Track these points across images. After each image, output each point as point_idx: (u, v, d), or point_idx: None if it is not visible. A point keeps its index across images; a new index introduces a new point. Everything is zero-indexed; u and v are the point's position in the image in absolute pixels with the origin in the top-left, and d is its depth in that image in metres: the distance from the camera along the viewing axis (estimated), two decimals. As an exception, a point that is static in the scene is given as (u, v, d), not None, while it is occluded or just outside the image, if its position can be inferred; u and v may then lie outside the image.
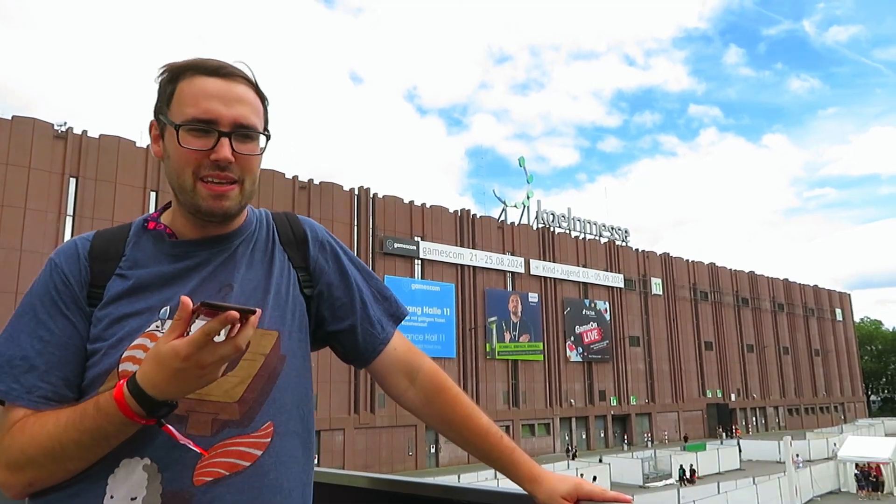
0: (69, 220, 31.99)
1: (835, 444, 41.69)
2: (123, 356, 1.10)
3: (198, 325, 0.97)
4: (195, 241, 1.22)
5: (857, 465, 31.41)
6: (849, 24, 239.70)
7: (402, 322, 1.41)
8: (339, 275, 1.32)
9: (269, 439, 1.14)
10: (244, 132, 1.16)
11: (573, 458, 43.92)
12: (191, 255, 1.21)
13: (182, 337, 0.97)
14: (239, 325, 0.97)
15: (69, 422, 1.03)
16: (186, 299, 0.97)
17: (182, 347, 0.95)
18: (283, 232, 1.32)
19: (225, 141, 1.14)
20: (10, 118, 31.04)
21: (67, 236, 31.70)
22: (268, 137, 1.24)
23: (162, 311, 1.14)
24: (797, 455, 36.59)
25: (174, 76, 1.18)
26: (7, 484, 1.07)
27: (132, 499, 1.05)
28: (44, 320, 1.13)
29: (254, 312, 0.98)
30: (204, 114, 1.14)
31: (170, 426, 1.04)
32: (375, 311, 1.34)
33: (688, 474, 33.68)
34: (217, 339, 0.97)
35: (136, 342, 1.11)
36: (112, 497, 1.05)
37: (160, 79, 1.19)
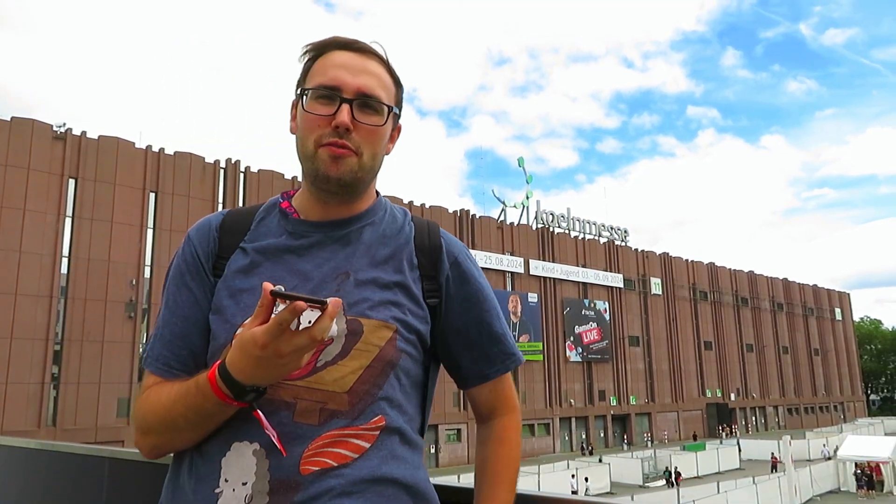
0: (68, 222, 31.96)
1: (824, 445, 41.74)
2: (237, 333, 1.10)
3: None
4: (315, 221, 1.23)
5: (856, 464, 31.43)
6: (845, 27, 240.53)
7: None
8: (463, 299, 1.28)
9: (377, 433, 1.12)
10: (366, 101, 1.17)
11: (590, 454, 44.10)
12: (308, 235, 1.22)
13: (264, 324, 0.96)
14: (320, 314, 0.96)
15: (177, 396, 1.08)
16: (267, 286, 0.96)
17: (259, 336, 0.95)
18: (420, 236, 1.29)
19: (345, 107, 1.15)
20: (9, 119, 31.01)
21: (67, 237, 31.70)
22: (397, 116, 1.26)
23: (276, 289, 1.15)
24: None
25: (313, 55, 1.23)
26: (139, 444, 1.17)
27: (243, 483, 1.06)
28: (173, 292, 1.21)
29: (325, 304, 0.94)
30: (330, 80, 1.17)
31: (260, 412, 1.05)
32: (493, 346, 1.31)
33: (673, 476, 33.61)
34: (304, 322, 0.95)
35: (249, 320, 1.09)
36: (227, 480, 1.07)
37: (302, 58, 1.23)
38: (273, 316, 0.95)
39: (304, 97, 1.18)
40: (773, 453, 39.31)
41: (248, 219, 1.26)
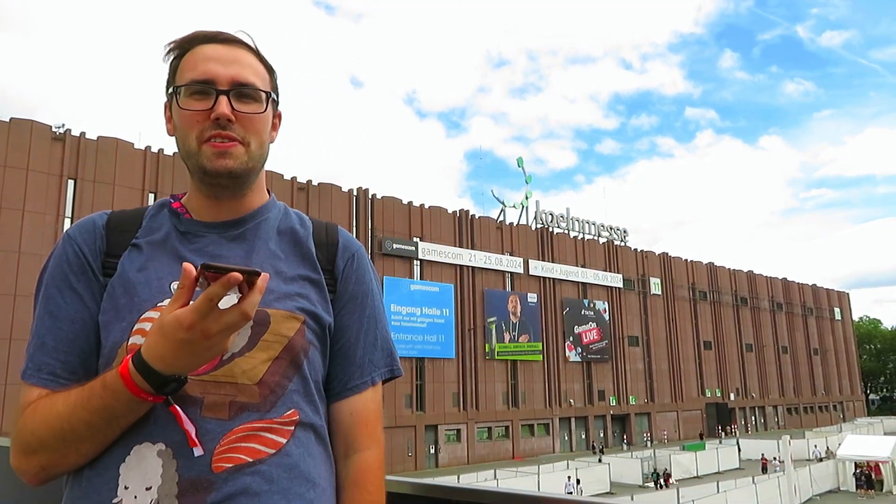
0: (67, 222, 31.91)
1: (815, 446, 41.67)
2: (134, 329, 1.06)
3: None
4: (208, 222, 1.20)
5: (855, 464, 31.42)
6: (842, 29, 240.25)
7: (402, 322, 1.36)
8: (353, 295, 1.25)
9: (293, 427, 1.08)
10: (243, 90, 1.15)
11: (601, 452, 44.15)
12: (202, 234, 1.18)
13: (186, 306, 0.93)
14: (246, 291, 0.93)
15: (78, 401, 0.99)
16: (189, 266, 0.93)
17: (185, 316, 0.90)
18: (318, 233, 1.28)
19: (223, 99, 1.12)
20: (7, 120, 30.99)
21: (66, 238, 31.66)
22: (276, 102, 1.23)
23: (172, 285, 1.11)
24: (774, 458, 36.67)
25: (178, 52, 1.19)
26: (21, 469, 1.04)
27: (147, 488, 0.99)
28: (53, 296, 1.12)
29: (258, 275, 0.92)
30: (202, 75, 1.13)
31: (178, 407, 0.99)
32: (366, 353, 1.24)
33: (662, 478, 33.38)
34: (223, 305, 0.91)
35: (146, 315, 1.07)
36: (127, 488, 0.99)
37: (167, 57, 1.19)
38: (202, 293, 0.90)
39: (178, 95, 1.14)
40: (763, 454, 39.15)
41: (138, 217, 1.21)
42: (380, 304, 1.30)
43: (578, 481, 30.55)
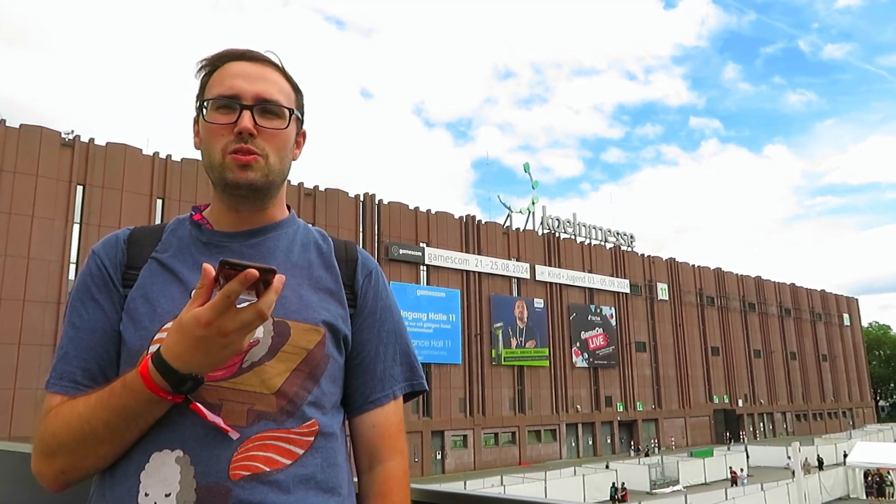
0: (76, 228, 32.11)
1: (789, 458, 41.02)
2: (155, 338, 1.08)
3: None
4: (229, 232, 1.22)
5: (867, 471, 31.14)
6: (843, 42, 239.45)
7: (408, 328, 1.38)
8: (371, 310, 1.28)
9: (312, 438, 1.10)
10: (266, 106, 1.18)
11: (646, 455, 43.54)
12: (222, 244, 1.21)
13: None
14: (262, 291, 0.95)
15: (98, 401, 1.02)
16: (208, 266, 0.96)
17: (202, 313, 0.93)
18: (339, 249, 1.31)
19: (246, 113, 1.15)
20: (17, 126, 31.22)
21: (75, 244, 31.86)
22: (300, 121, 1.27)
23: (193, 292, 1.12)
24: (741, 470, 36.17)
25: (209, 69, 1.23)
26: (41, 473, 1.06)
27: (167, 495, 1.01)
28: (77, 307, 1.15)
29: (274, 272, 0.94)
30: (228, 90, 1.17)
31: (198, 404, 1.02)
32: (387, 367, 1.27)
33: (619, 493, 32.22)
34: (240, 306, 0.94)
35: (167, 325, 1.08)
36: (147, 494, 1.01)
37: (198, 73, 1.24)
38: (220, 290, 0.93)
39: (205, 109, 1.19)
40: (730, 468, 37.53)
41: (158, 231, 1.25)
42: (399, 319, 1.34)
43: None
